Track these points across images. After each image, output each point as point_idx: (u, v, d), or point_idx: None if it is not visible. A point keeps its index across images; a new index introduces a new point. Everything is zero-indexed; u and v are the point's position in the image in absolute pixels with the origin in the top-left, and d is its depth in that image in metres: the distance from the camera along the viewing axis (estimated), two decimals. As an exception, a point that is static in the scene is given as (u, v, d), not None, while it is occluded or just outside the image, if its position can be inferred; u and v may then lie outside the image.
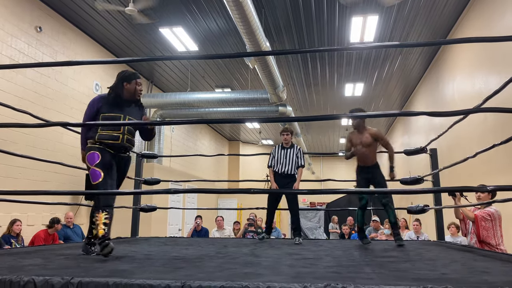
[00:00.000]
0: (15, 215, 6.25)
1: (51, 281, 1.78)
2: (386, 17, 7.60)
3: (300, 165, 4.96)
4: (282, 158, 4.94)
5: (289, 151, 4.98)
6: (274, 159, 5.00)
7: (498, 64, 5.93)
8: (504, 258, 2.95)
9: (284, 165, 4.92)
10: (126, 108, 3.27)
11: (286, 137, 5.02)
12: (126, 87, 3.27)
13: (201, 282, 1.70)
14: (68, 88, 7.95)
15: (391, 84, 11.33)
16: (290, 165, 4.91)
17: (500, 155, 5.58)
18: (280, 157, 4.96)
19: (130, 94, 3.28)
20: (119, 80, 3.28)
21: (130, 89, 3.28)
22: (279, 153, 5.00)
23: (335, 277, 2.01)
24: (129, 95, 3.28)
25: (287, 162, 4.92)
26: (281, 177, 4.92)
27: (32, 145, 6.89)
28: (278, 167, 4.93)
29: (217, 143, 17.44)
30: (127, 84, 3.27)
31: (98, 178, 3.04)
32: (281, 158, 4.95)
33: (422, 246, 4.18)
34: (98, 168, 3.06)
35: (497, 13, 5.95)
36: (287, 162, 4.92)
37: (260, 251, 3.41)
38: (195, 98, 10.00)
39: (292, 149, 5.01)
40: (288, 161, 4.92)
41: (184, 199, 11.35)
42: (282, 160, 4.94)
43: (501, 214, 4.26)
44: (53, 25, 7.54)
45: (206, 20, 7.80)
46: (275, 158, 5.00)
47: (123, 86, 3.27)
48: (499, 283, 1.74)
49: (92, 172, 3.07)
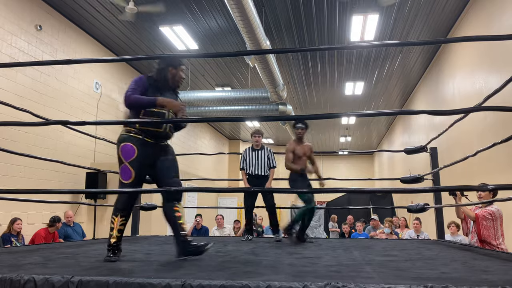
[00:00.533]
0: (15, 214, 6.25)
1: (51, 280, 1.79)
2: (387, 16, 7.59)
3: (272, 166, 5.08)
4: (254, 160, 5.05)
5: (260, 153, 5.08)
6: (246, 162, 5.10)
7: (498, 63, 5.92)
8: (504, 257, 2.95)
9: (256, 167, 5.02)
10: (166, 94, 2.92)
11: (257, 139, 5.13)
12: (172, 72, 2.95)
13: (201, 281, 1.70)
14: (68, 86, 7.95)
15: (391, 83, 11.32)
16: (262, 167, 5.02)
17: (501, 154, 5.58)
18: (252, 159, 5.06)
19: (174, 80, 2.98)
20: (166, 65, 2.95)
21: (175, 75, 2.97)
22: (250, 155, 5.10)
23: (335, 276, 2.01)
24: (172, 81, 2.98)
25: (259, 164, 5.03)
26: (254, 178, 5.02)
27: (33, 144, 6.89)
28: (251, 169, 5.03)
29: (217, 142, 17.43)
30: (172, 69, 2.96)
31: (129, 178, 2.74)
32: (253, 160, 5.05)
33: (422, 245, 4.18)
34: (131, 167, 2.74)
35: (497, 12, 5.95)
36: (259, 164, 5.02)
37: (260, 250, 3.41)
38: (195, 97, 10.00)
39: (262, 150, 5.11)
40: (260, 163, 5.03)
41: (184, 197, 11.35)
42: (254, 162, 5.04)
43: (502, 213, 4.26)
44: (53, 24, 7.53)
45: (206, 18, 7.79)
46: (247, 161, 5.10)
47: (168, 71, 2.95)
48: (499, 282, 1.74)
49: (124, 168, 2.75)
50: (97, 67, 8.93)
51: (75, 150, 8.02)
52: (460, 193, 4.38)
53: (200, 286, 1.68)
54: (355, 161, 21.92)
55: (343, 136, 18.10)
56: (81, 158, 8.02)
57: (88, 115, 8.43)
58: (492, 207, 4.25)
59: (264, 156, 5.06)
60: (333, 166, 21.95)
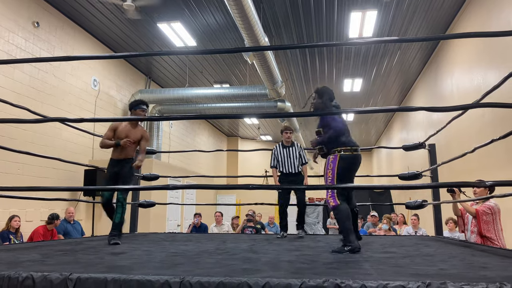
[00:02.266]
0: (13, 211, 6.24)
1: (50, 277, 1.78)
2: (385, 13, 7.58)
3: (304, 162, 4.91)
4: (285, 158, 4.84)
5: (291, 150, 4.87)
6: (277, 160, 4.89)
7: (496, 59, 5.92)
8: (503, 254, 2.96)
9: (289, 164, 4.82)
10: None
11: (289, 135, 4.92)
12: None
13: (200, 278, 1.70)
14: (66, 83, 7.92)
15: (390, 80, 11.32)
16: (294, 164, 4.82)
17: (499, 150, 5.59)
18: (284, 157, 4.85)
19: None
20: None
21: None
22: (282, 153, 4.89)
23: (334, 272, 2.01)
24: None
25: (291, 161, 4.82)
26: (286, 176, 4.84)
27: (31, 141, 6.87)
28: (284, 167, 4.83)
29: (215, 139, 17.42)
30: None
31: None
32: (284, 158, 4.84)
33: (420, 242, 4.19)
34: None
35: (495, 9, 5.94)
36: (292, 161, 4.82)
37: (259, 247, 3.41)
38: (193, 94, 9.97)
39: (293, 147, 4.90)
40: (292, 160, 4.82)
41: (183, 195, 11.35)
42: (285, 160, 4.83)
43: (500, 208, 4.27)
44: (50, 20, 7.50)
45: (205, 15, 7.77)
46: (278, 159, 4.89)
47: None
48: (498, 278, 1.74)
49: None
50: (95, 64, 8.90)
51: (73, 147, 8.00)
52: (458, 190, 4.39)
53: (198, 283, 1.68)
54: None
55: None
56: (79, 155, 8.00)
57: (86, 112, 8.41)
58: (491, 202, 4.27)
59: (295, 152, 4.85)
60: (331, 163, 21.89)
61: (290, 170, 4.81)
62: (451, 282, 1.57)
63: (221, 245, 3.61)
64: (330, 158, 3.24)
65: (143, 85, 10.88)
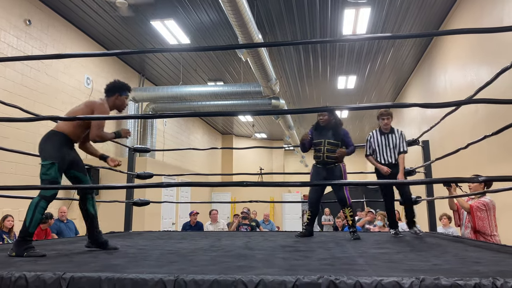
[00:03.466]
0: (6, 211, 6.20)
1: (43, 277, 1.77)
2: (378, 10, 7.59)
3: (402, 150, 4.29)
4: (383, 146, 4.29)
5: (390, 137, 4.31)
6: (373, 148, 4.37)
7: (489, 55, 5.96)
8: (496, 248, 2.98)
9: (387, 153, 4.27)
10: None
11: (387, 121, 4.34)
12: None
13: (194, 276, 1.69)
14: (58, 82, 7.86)
15: (384, 76, 11.35)
16: (393, 153, 4.26)
17: (492, 146, 5.62)
18: (381, 145, 4.30)
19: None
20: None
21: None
22: (379, 140, 4.33)
23: (328, 269, 2.01)
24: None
25: (390, 149, 4.27)
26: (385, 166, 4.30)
27: (23, 140, 6.82)
28: (381, 156, 4.29)
29: (210, 137, 17.40)
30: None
31: None
32: (382, 146, 4.30)
33: (415, 237, 4.21)
34: None
35: (488, 5, 5.97)
36: (391, 150, 4.27)
37: (254, 244, 3.41)
38: (187, 92, 9.94)
39: (393, 134, 4.32)
40: (391, 149, 4.27)
41: (178, 193, 11.33)
42: (384, 148, 4.29)
43: (495, 204, 4.30)
44: (42, 18, 7.44)
45: (198, 12, 7.74)
46: (374, 147, 4.36)
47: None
48: (490, 273, 1.76)
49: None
50: (88, 62, 8.85)
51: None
52: (455, 185, 4.41)
53: (193, 281, 1.67)
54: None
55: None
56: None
57: (80, 111, 8.35)
58: (486, 198, 4.28)
59: (395, 140, 4.28)
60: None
61: (389, 160, 4.27)
62: (444, 278, 1.58)
63: (216, 242, 3.60)
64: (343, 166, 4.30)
65: (136, 83, 10.83)
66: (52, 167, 2.92)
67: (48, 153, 2.97)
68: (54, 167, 2.92)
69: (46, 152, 2.98)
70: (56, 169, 2.93)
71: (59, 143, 3.04)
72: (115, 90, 3.31)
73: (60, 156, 2.98)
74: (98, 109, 3.10)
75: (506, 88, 5.06)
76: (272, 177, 18.32)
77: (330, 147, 4.27)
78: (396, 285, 1.58)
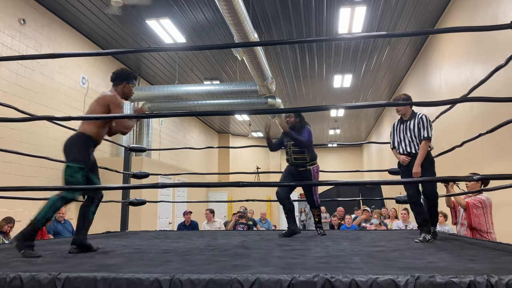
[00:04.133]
0: (2, 211, 6.17)
1: (38, 277, 1.76)
2: (374, 8, 7.60)
3: (423, 137, 3.71)
4: (402, 135, 3.88)
5: (409, 124, 3.83)
6: (393, 139, 3.98)
7: (484, 54, 5.98)
8: (491, 246, 2.99)
9: (405, 143, 3.83)
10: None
11: (401, 108, 3.91)
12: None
13: (190, 275, 1.69)
14: (54, 81, 7.83)
15: (379, 75, 11.37)
16: (412, 142, 3.78)
17: (487, 144, 5.65)
18: (400, 134, 3.90)
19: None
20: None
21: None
22: (398, 129, 3.94)
23: (324, 267, 2.02)
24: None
25: (407, 138, 3.82)
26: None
27: (18, 140, 6.79)
28: (400, 147, 3.89)
29: (206, 136, 17.37)
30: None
31: None
32: (401, 135, 3.89)
33: (410, 235, 4.22)
34: None
35: (482, 4, 5.99)
36: (407, 139, 3.82)
37: (250, 243, 3.42)
38: (183, 91, 9.92)
39: (413, 120, 3.82)
40: (409, 137, 3.81)
41: (174, 192, 11.31)
42: (402, 137, 3.87)
43: (491, 201, 4.32)
44: (37, 18, 7.40)
45: (194, 11, 7.72)
46: (394, 137, 3.98)
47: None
48: (485, 270, 1.76)
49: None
50: (84, 61, 8.81)
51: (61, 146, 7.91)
52: (452, 182, 4.42)
53: (189, 281, 1.67)
54: (344, 153, 22.03)
55: (332, 129, 18.16)
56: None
57: (75, 110, 8.32)
58: (482, 195, 4.30)
59: (414, 127, 3.77)
60: (322, 158, 21.98)
61: (408, 149, 3.80)
62: (439, 275, 1.58)
63: (212, 241, 3.60)
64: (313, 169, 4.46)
65: (132, 83, 10.78)
66: (79, 171, 2.91)
67: (76, 156, 2.95)
68: (81, 172, 2.91)
69: (74, 154, 2.96)
70: (83, 173, 2.93)
71: (86, 146, 3.02)
72: (122, 78, 3.20)
73: (87, 160, 2.98)
74: (113, 102, 3.03)
75: (500, 86, 5.08)
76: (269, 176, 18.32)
77: (295, 149, 4.40)
78: (391, 283, 1.58)
